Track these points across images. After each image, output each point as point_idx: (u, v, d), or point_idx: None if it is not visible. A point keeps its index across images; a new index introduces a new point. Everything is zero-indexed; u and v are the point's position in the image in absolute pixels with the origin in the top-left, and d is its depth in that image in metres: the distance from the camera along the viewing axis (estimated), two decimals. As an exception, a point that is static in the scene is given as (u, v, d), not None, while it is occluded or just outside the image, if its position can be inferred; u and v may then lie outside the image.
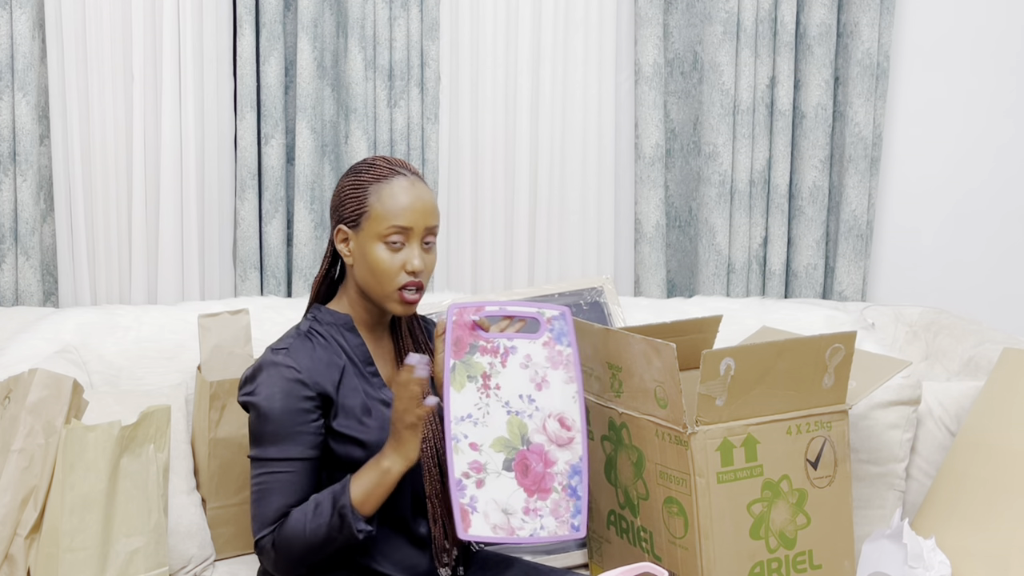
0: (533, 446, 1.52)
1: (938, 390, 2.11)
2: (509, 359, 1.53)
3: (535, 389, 1.54)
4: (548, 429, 1.54)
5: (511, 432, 1.51)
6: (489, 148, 2.62)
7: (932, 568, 1.78)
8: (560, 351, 1.55)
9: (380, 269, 1.58)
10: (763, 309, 2.41)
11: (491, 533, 1.49)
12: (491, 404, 1.51)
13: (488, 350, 1.52)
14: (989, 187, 2.79)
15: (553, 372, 1.55)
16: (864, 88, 2.61)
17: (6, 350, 2.05)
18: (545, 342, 1.55)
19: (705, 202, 2.64)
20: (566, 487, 1.54)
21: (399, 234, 1.58)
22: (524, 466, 1.51)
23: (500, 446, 1.51)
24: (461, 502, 1.48)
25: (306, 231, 2.49)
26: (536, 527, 1.51)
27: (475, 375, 1.51)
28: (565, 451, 1.54)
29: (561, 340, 1.56)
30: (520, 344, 1.54)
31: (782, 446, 1.74)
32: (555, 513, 1.53)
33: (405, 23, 2.50)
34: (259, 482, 1.55)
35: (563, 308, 1.56)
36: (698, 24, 2.64)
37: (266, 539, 1.54)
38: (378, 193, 1.59)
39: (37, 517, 1.60)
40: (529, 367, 1.54)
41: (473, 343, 1.52)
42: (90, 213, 2.48)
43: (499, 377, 1.52)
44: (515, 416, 1.52)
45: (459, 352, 1.51)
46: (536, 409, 1.53)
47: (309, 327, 1.63)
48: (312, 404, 1.56)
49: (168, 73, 2.43)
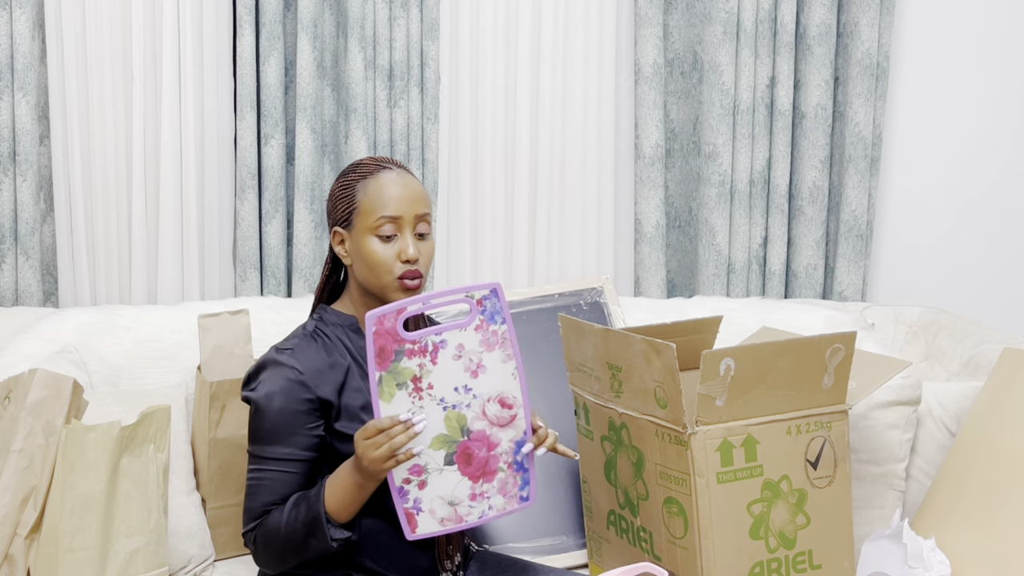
0: (474, 434, 1.47)
1: (938, 390, 2.11)
2: (440, 355, 1.44)
3: (471, 377, 1.46)
4: (488, 413, 1.48)
5: (449, 427, 1.46)
6: (489, 148, 2.62)
7: (932, 568, 1.78)
8: (495, 331, 1.47)
9: (375, 261, 1.58)
10: (763, 309, 2.41)
11: (439, 527, 1.48)
12: (425, 404, 1.44)
13: (416, 352, 1.43)
14: (989, 187, 2.79)
15: (489, 355, 1.47)
16: (864, 88, 2.61)
17: (6, 350, 2.05)
18: (477, 326, 1.46)
19: (705, 202, 2.64)
20: (511, 463, 1.50)
21: (390, 224, 1.58)
22: (467, 456, 1.48)
23: (439, 443, 1.46)
24: (404, 507, 1.46)
25: (306, 231, 2.49)
26: (484, 508, 1.49)
27: (404, 381, 1.43)
28: (508, 430, 1.49)
29: (494, 319, 1.46)
30: (450, 336, 1.45)
31: (782, 446, 1.74)
32: (503, 491, 1.50)
33: (405, 23, 2.50)
34: (252, 478, 1.57)
35: (493, 284, 1.46)
36: (698, 24, 2.64)
37: (249, 534, 1.57)
38: (364, 189, 1.60)
39: (37, 517, 1.60)
40: (463, 356, 1.46)
41: (398, 349, 1.42)
42: (90, 213, 2.48)
43: (430, 376, 1.44)
44: (452, 410, 1.46)
45: (384, 363, 1.42)
46: (474, 397, 1.47)
47: (315, 327, 1.64)
48: (311, 407, 1.56)
49: (168, 73, 2.43)
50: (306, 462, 1.57)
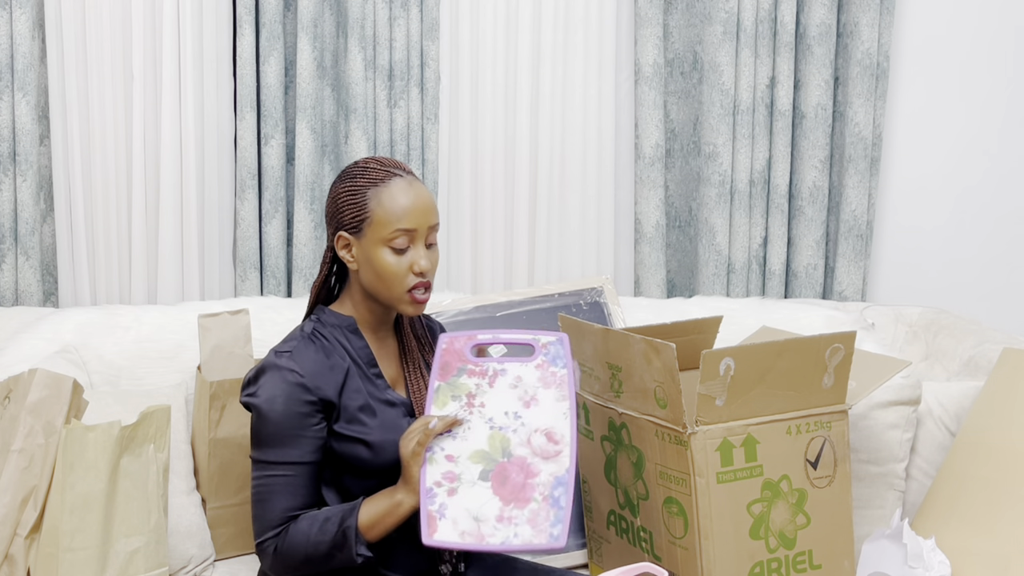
0: (515, 458, 1.49)
1: (938, 390, 2.11)
2: (498, 380, 1.51)
3: (523, 406, 1.50)
4: (533, 443, 1.49)
5: (491, 446, 1.49)
6: (489, 148, 2.62)
7: (932, 568, 1.78)
8: (554, 372, 1.51)
9: (388, 273, 1.58)
10: (763, 309, 2.41)
11: (458, 539, 1.46)
12: (473, 420, 1.49)
13: (476, 372, 1.51)
14: (989, 187, 2.79)
15: (545, 391, 1.51)
16: (864, 88, 2.61)
17: (6, 350, 2.05)
18: (538, 364, 1.51)
19: (705, 202, 2.64)
20: (547, 497, 1.47)
21: (404, 237, 1.57)
22: (503, 476, 1.48)
23: (478, 458, 1.48)
24: (429, 508, 1.46)
25: (306, 231, 2.49)
26: (509, 535, 1.46)
27: (459, 395, 1.50)
28: (550, 463, 1.48)
29: (556, 363, 1.52)
30: (511, 367, 1.51)
31: (782, 446, 1.74)
32: (532, 522, 1.46)
33: (405, 23, 2.50)
34: (260, 484, 1.56)
35: (561, 334, 1.52)
36: (698, 24, 2.64)
37: (269, 542, 1.55)
38: (377, 197, 1.58)
39: (37, 517, 1.60)
40: (519, 387, 1.51)
41: (461, 367, 1.50)
42: (90, 213, 2.48)
43: (484, 396, 1.50)
44: (498, 431, 1.49)
45: (445, 375, 1.50)
46: (522, 424, 1.50)
47: (313, 329, 1.63)
48: (313, 408, 1.55)
49: (168, 73, 2.43)
50: (314, 464, 1.56)
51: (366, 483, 1.60)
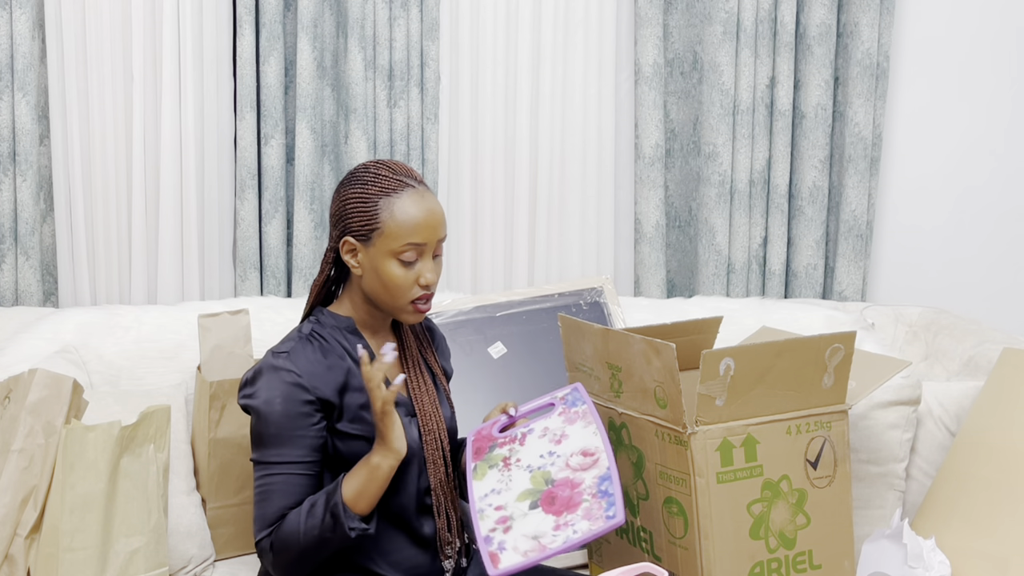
0: (558, 482, 1.54)
1: (938, 390, 2.11)
2: (528, 439, 1.60)
3: (555, 445, 1.59)
4: (571, 464, 1.57)
5: (534, 482, 1.55)
6: (489, 148, 2.62)
7: (932, 568, 1.78)
8: (576, 411, 1.62)
9: (394, 285, 1.58)
10: (763, 309, 2.41)
11: (522, 559, 1.47)
12: (513, 474, 1.56)
13: (506, 442, 1.61)
14: (989, 187, 2.79)
15: (571, 427, 1.60)
16: (864, 88, 2.61)
17: (6, 350, 2.05)
18: (560, 412, 1.63)
19: (705, 202, 2.64)
20: (595, 494, 1.51)
21: (413, 251, 1.57)
22: (551, 498, 1.53)
23: (525, 496, 1.54)
24: (489, 550, 1.48)
25: (306, 231, 2.49)
26: (568, 534, 1.49)
27: (496, 463, 1.59)
28: (591, 471, 1.54)
29: (575, 404, 1.63)
30: (536, 424, 1.62)
31: (782, 446, 1.74)
32: (588, 516, 1.50)
33: (405, 23, 2.50)
34: (261, 484, 1.56)
35: (575, 384, 1.64)
36: (698, 24, 2.64)
37: (265, 540, 1.55)
38: (389, 208, 1.56)
39: (37, 517, 1.60)
40: (547, 434, 1.60)
41: (492, 444, 1.61)
42: (90, 213, 2.48)
43: (518, 454, 1.59)
44: (538, 471, 1.56)
45: (479, 456, 1.60)
46: (557, 456, 1.57)
47: (311, 330, 1.63)
48: (312, 408, 1.55)
49: (168, 73, 2.43)
50: (314, 463, 1.57)
51: None
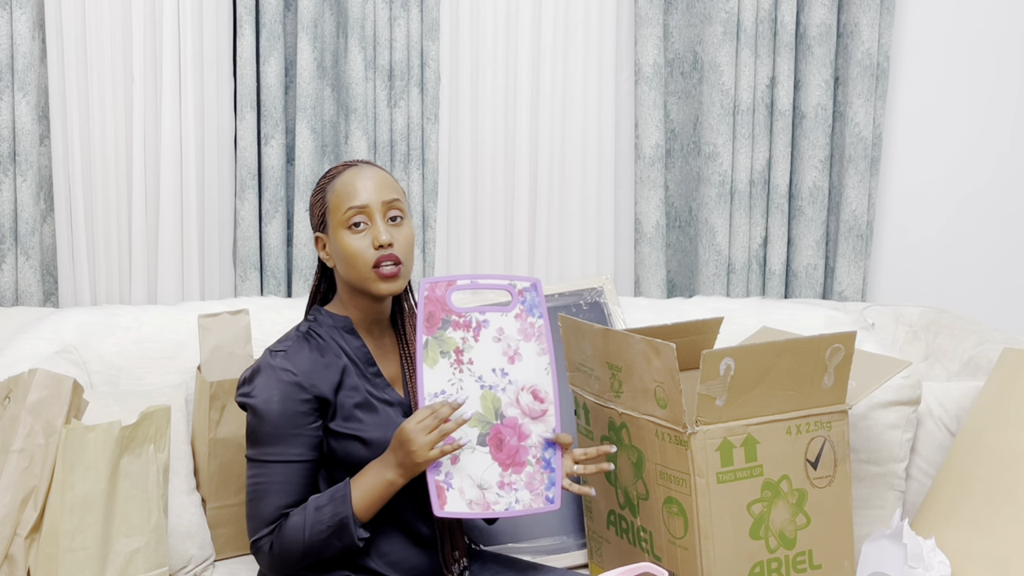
0: (507, 420, 1.54)
1: (938, 390, 2.11)
2: (481, 333, 1.54)
3: (508, 362, 1.54)
4: (521, 402, 1.55)
5: (485, 407, 1.52)
6: (489, 148, 2.62)
7: (932, 568, 1.78)
8: (532, 323, 1.56)
9: (351, 252, 1.59)
10: (763, 309, 2.41)
11: (467, 509, 1.50)
12: (464, 379, 1.51)
13: (460, 325, 1.52)
14: (989, 187, 2.79)
15: (526, 344, 1.56)
16: (864, 88, 2.61)
17: (6, 350, 2.05)
18: (517, 314, 1.56)
19: (705, 202, 2.64)
20: (540, 459, 1.55)
21: (359, 214, 1.59)
22: (498, 440, 1.53)
23: (475, 421, 1.52)
24: (436, 479, 1.50)
25: (306, 231, 2.49)
26: (511, 500, 1.53)
27: (448, 350, 1.51)
28: (539, 423, 1.56)
29: (533, 312, 1.56)
30: (492, 317, 1.54)
31: (782, 446, 1.74)
32: (530, 486, 1.54)
33: (405, 23, 2.50)
34: (255, 482, 1.56)
35: (534, 279, 1.58)
36: (698, 24, 2.64)
37: (263, 540, 1.55)
38: (333, 188, 1.64)
39: (37, 517, 1.60)
40: (501, 340, 1.54)
41: (445, 318, 1.52)
42: (90, 213, 2.48)
43: (472, 352, 1.52)
44: (488, 391, 1.53)
45: (431, 328, 1.51)
46: (509, 382, 1.54)
47: (309, 328, 1.64)
48: (309, 407, 1.56)
49: (168, 73, 2.44)
50: (311, 462, 1.57)
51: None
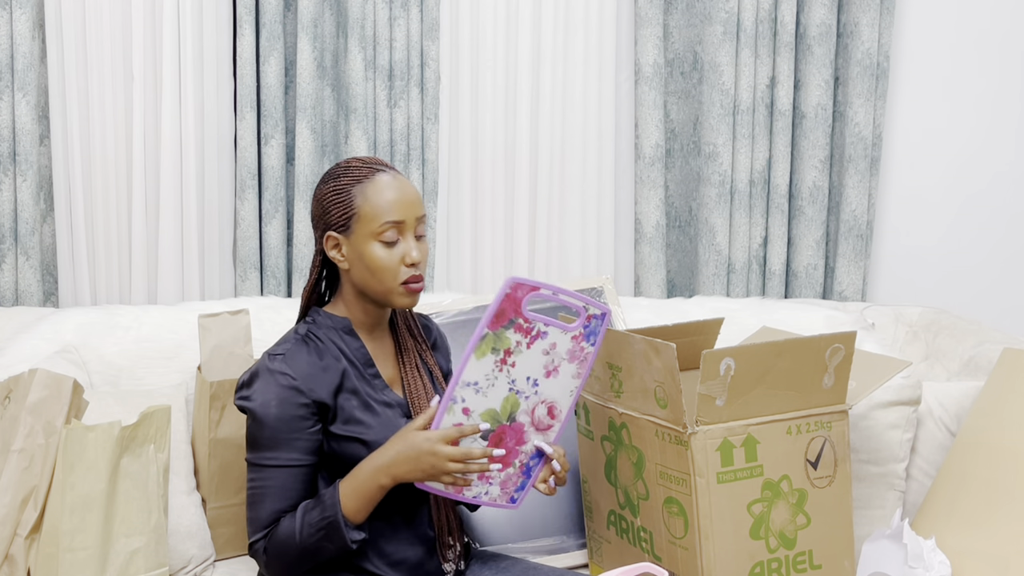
0: (515, 424, 1.53)
1: (938, 390, 2.11)
2: (536, 342, 1.50)
3: (544, 375, 1.52)
4: (536, 413, 1.54)
5: (503, 407, 1.51)
6: (489, 148, 2.62)
7: (932, 568, 1.78)
8: (583, 348, 1.54)
9: (380, 267, 1.58)
10: (763, 309, 2.41)
11: (442, 488, 1.51)
12: (499, 378, 1.49)
13: (522, 329, 1.48)
14: (989, 187, 2.79)
15: (568, 364, 1.54)
16: (864, 88, 2.61)
17: (6, 350, 2.05)
18: (575, 336, 1.53)
19: (705, 202, 2.64)
20: (523, 465, 1.56)
21: (393, 229, 1.58)
22: (499, 439, 1.52)
23: (488, 417, 1.51)
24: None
25: (306, 231, 2.49)
26: (482, 491, 1.54)
27: (499, 348, 1.48)
28: (539, 435, 1.56)
29: (589, 338, 1.54)
30: (552, 331, 1.51)
31: (782, 446, 1.74)
32: (503, 485, 1.56)
33: (405, 23, 2.50)
34: (253, 486, 1.56)
35: (607, 309, 1.54)
36: (698, 24, 2.64)
37: (259, 543, 1.56)
38: (363, 193, 1.58)
39: (37, 517, 1.60)
40: (550, 354, 1.52)
41: (513, 319, 1.48)
42: (90, 213, 2.48)
43: (519, 356, 1.50)
44: (513, 395, 1.51)
45: (497, 324, 1.46)
46: (536, 393, 1.53)
47: (307, 331, 1.63)
48: (308, 411, 1.56)
49: (168, 73, 2.44)
50: (309, 467, 1.57)
51: None
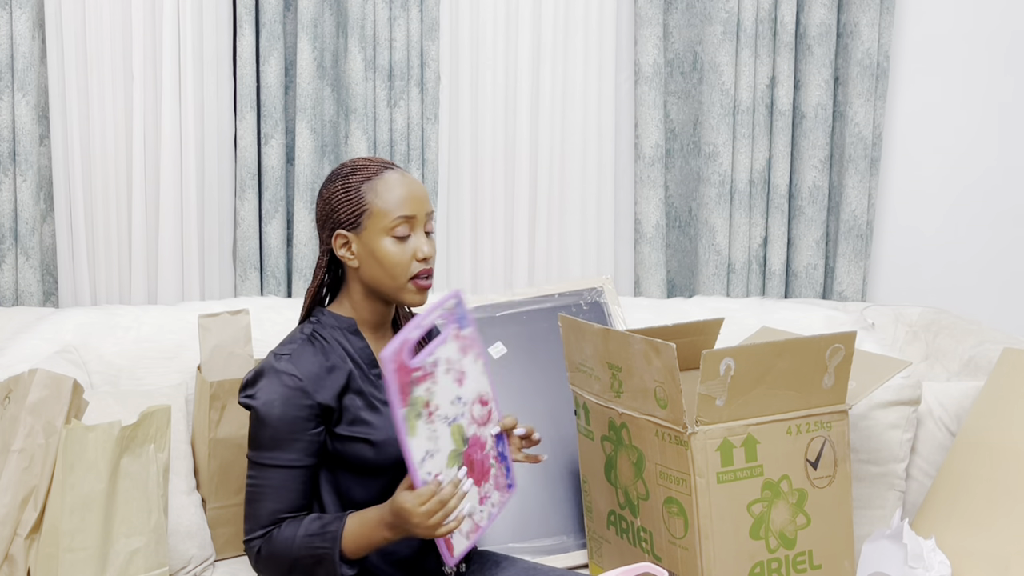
0: (470, 440, 1.53)
1: (938, 390, 2.11)
2: (437, 372, 1.47)
3: (458, 386, 1.51)
4: (475, 416, 1.55)
5: (455, 441, 1.50)
6: (489, 148, 2.62)
7: (932, 568, 1.78)
8: (465, 335, 1.53)
9: (392, 262, 1.58)
10: (763, 309, 2.41)
11: (467, 541, 1.50)
12: (437, 428, 1.47)
13: (422, 378, 1.45)
14: (989, 187, 2.79)
15: (465, 359, 1.53)
16: (864, 88, 2.61)
17: (6, 350, 2.05)
18: (455, 335, 1.51)
19: (705, 202, 2.64)
20: (497, 456, 1.57)
21: (404, 224, 1.58)
22: (470, 463, 1.52)
23: (452, 460, 1.49)
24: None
25: (306, 231, 2.49)
26: (489, 508, 1.55)
27: (420, 411, 1.45)
28: (489, 426, 1.57)
29: (462, 324, 1.53)
30: (440, 353, 1.48)
31: (782, 446, 1.74)
32: (497, 485, 1.56)
33: (405, 23, 2.50)
34: (253, 484, 1.57)
35: (455, 292, 1.52)
36: (698, 24, 2.64)
37: (255, 542, 1.56)
38: (374, 190, 1.59)
39: (37, 517, 1.60)
40: (451, 369, 1.51)
41: (411, 380, 1.44)
42: (90, 213, 2.48)
43: (435, 397, 1.47)
44: (454, 424, 1.50)
45: (404, 399, 1.42)
46: (463, 404, 1.52)
47: (313, 330, 1.63)
48: (311, 412, 1.55)
49: (168, 73, 2.44)
50: (309, 468, 1.57)
51: (365, 482, 1.60)
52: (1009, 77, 2.76)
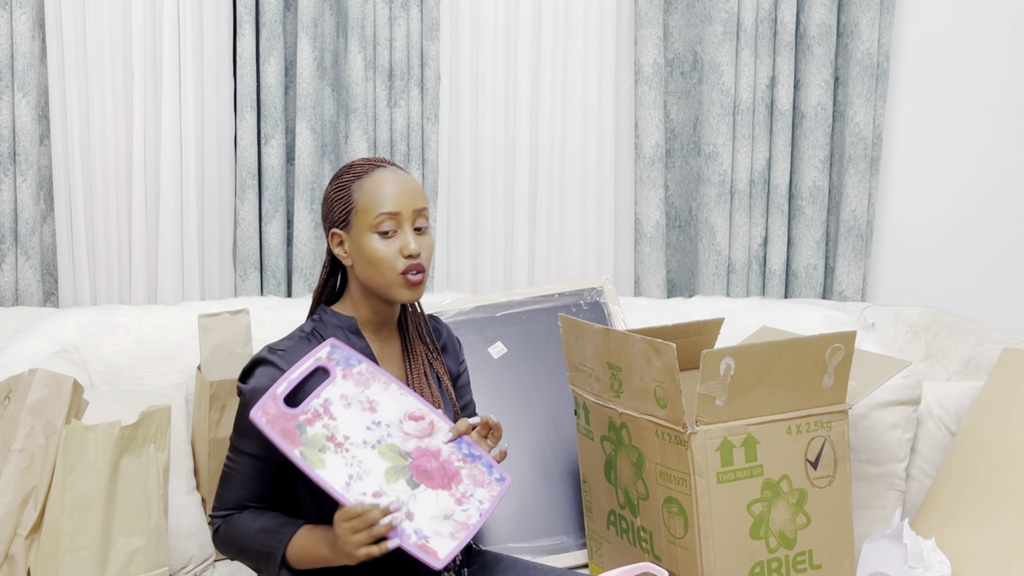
0: (414, 452, 1.53)
1: (938, 390, 2.11)
2: (332, 410, 1.51)
3: (371, 414, 1.53)
4: (410, 431, 1.54)
5: (389, 458, 1.51)
6: (489, 148, 2.62)
7: (932, 568, 1.78)
8: (358, 372, 1.55)
9: (378, 258, 1.58)
10: (763, 309, 2.41)
11: (455, 542, 1.48)
12: (356, 453, 1.48)
13: (311, 419, 1.49)
14: (989, 187, 2.79)
15: (369, 391, 1.55)
16: (864, 88, 2.61)
17: (6, 350, 2.05)
18: (343, 375, 1.54)
19: (705, 202, 2.64)
20: (464, 458, 1.56)
21: (389, 220, 1.59)
22: (424, 472, 1.52)
23: (393, 476, 1.49)
24: (414, 543, 1.46)
25: (306, 231, 2.49)
26: (476, 505, 1.53)
27: (322, 445, 1.48)
28: (436, 436, 1.56)
29: (350, 364, 1.55)
30: (328, 393, 1.52)
31: (782, 446, 1.74)
32: (478, 484, 1.55)
33: (405, 23, 2.50)
34: (228, 467, 1.61)
35: (329, 339, 1.56)
36: (698, 24, 2.64)
37: (216, 520, 1.62)
38: (361, 188, 1.61)
39: (37, 517, 1.60)
40: (352, 403, 1.53)
41: (297, 424, 1.48)
42: (90, 213, 2.48)
43: (339, 430, 1.49)
44: (379, 445, 1.51)
45: (295, 441, 1.46)
46: (387, 425, 1.53)
47: (313, 328, 1.63)
48: None
49: (168, 73, 2.44)
50: (274, 463, 1.58)
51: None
52: (1009, 77, 2.76)
